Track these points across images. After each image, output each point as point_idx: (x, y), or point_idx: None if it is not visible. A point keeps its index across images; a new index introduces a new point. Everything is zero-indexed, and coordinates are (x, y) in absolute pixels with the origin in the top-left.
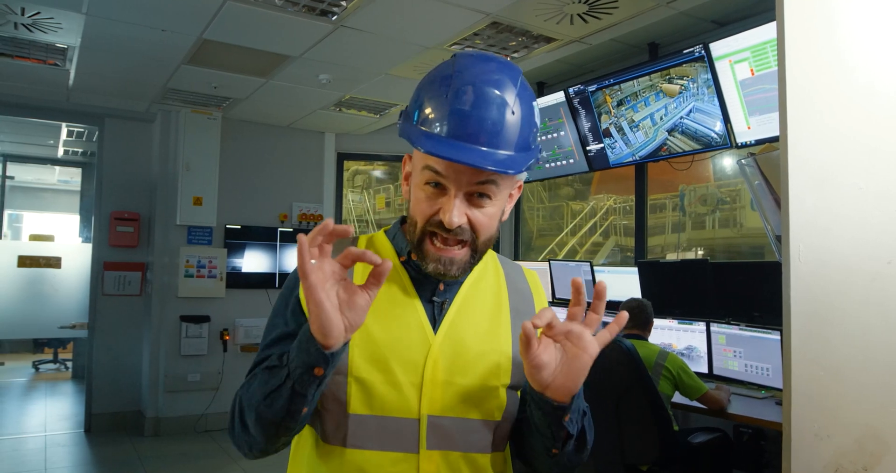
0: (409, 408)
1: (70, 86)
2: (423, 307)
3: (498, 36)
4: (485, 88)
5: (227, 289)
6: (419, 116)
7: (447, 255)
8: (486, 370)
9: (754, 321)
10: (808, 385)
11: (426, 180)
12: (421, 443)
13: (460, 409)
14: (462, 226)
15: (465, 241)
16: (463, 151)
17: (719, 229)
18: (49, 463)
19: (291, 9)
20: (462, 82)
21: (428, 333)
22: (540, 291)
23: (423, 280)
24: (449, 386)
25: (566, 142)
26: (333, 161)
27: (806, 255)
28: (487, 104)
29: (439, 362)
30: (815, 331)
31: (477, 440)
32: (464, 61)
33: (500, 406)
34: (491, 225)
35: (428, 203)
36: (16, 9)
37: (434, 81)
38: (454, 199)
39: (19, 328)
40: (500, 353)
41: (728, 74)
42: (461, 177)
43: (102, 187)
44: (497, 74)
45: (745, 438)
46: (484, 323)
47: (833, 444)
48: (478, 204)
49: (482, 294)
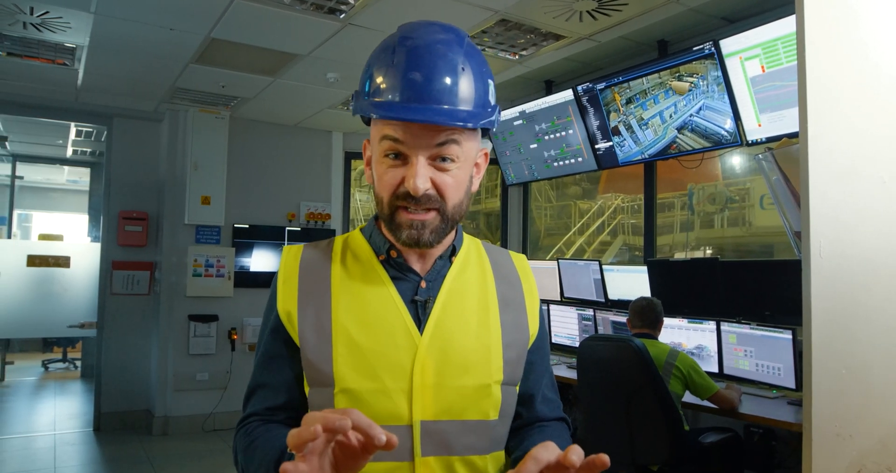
0: (400, 415)
1: (79, 86)
2: (405, 309)
3: (506, 33)
4: (432, 48)
5: (235, 288)
6: (370, 88)
7: (419, 218)
8: (477, 369)
9: (765, 319)
10: (830, 384)
11: (385, 150)
12: (415, 451)
13: (454, 411)
14: (428, 193)
15: (433, 208)
16: (418, 111)
17: (728, 228)
18: (58, 462)
19: (299, 7)
20: (408, 46)
21: (414, 335)
22: (529, 276)
23: (404, 279)
24: (440, 389)
25: (574, 140)
26: (341, 160)
27: (827, 250)
28: (436, 63)
29: (428, 365)
30: (837, 328)
31: (474, 441)
32: (406, 28)
33: (496, 405)
34: (458, 190)
35: (391, 175)
36: (25, 8)
37: (380, 53)
38: (416, 165)
39: (29, 328)
40: (491, 348)
41: (738, 71)
42: (420, 140)
43: (111, 186)
44: (442, 34)
45: (756, 438)
46: (472, 318)
47: (856, 444)
48: (441, 168)
49: (467, 287)
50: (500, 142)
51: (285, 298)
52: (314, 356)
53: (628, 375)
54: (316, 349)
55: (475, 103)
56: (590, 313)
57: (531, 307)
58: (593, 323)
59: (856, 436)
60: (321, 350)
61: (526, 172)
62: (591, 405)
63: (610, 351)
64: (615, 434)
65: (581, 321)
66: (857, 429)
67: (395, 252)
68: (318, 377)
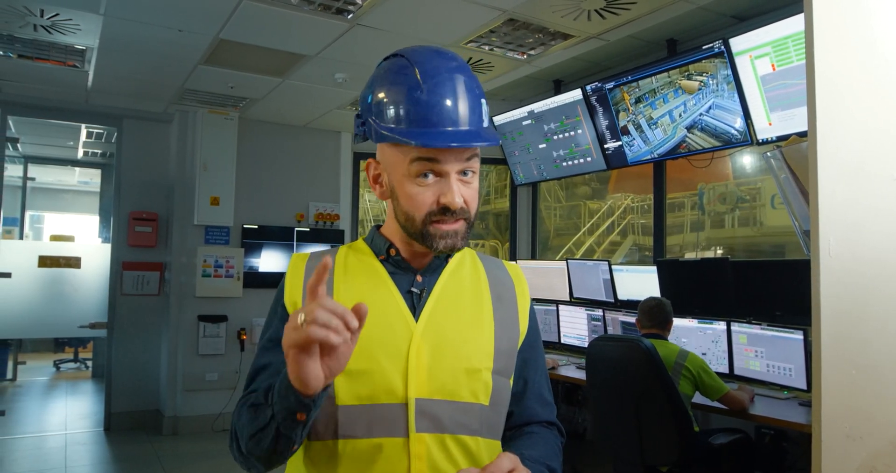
0: (396, 393)
1: (89, 87)
2: (402, 298)
3: (514, 33)
4: (454, 75)
5: (245, 289)
6: (395, 116)
7: (452, 228)
8: (469, 354)
9: (776, 320)
10: (840, 385)
11: (419, 172)
12: (410, 427)
13: (447, 391)
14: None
15: (462, 218)
16: (457, 137)
17: (739, 228)
18: (69, 461)
19: (307, 8)
20: (432, 75)
21: (409, 321)
22: (522, 280)
23: (401, 274)
24: (434, 370)
25: (583, 140)
26: (350, 161)
27: (836, 249)
28: (463, 89)
29: (423, 348)
30: (847, 328)
31: (466, 421)
32: (416, 56)
33: (486, 389)
34: (477, 198)
35: (427, 194)
36: (35, 11)
37: (396, 81)
38: (452, 182)
39: (40, 328)
40: (483, 337)
41: (748, 69)
42: (454, 160)
43: (121, 187)
44: (454, 61)
45: (767, 439)
46: (466, 309)
47: (866, 446)
48: (465, 181)
49: (461, 283)
50: (508, 142)
51: (292, 291)
52: None
53: (637, 375)
54: None
55: (488, 121)
56: (599, 313)
57: (522, 306)
58: (602, 324)
59: (866, 438)
60: None
61: (535, 173)
62: (600, 406)
63: (619, 352)
64: (624, 435)
65: (590, 321)
66: (867, 431)
67: (394, 251)
68: None
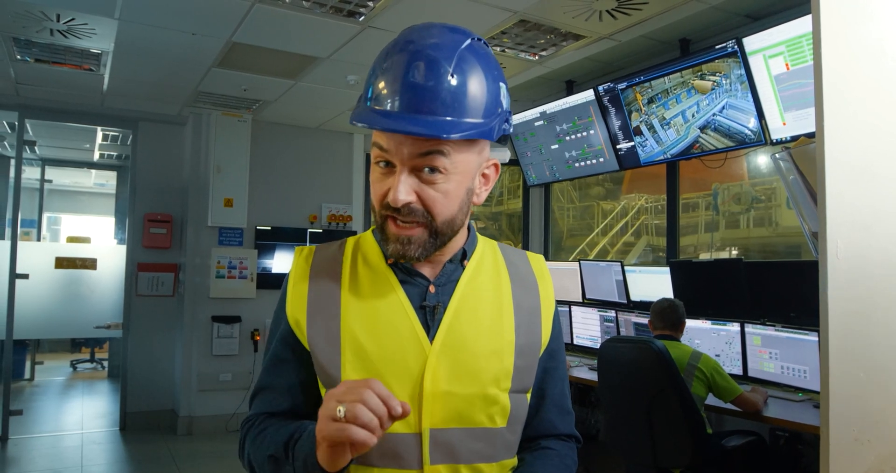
0: (409, 423)
1: (104, 90)
2: (414, 314)
3: (526, 34)
4: (421, 54)
5: (258, 290)
6: (371, 94)
7: (405, 233)
8: (487, 376)
9: (790, 321)
10: (848, 387)
11: (375, 158)
12: (424, 459)
13: (462, 419)
14: (412, 205)
15: (419, 222)
16: (391, 120)
17: (754, 229)
18: (85, 461)
19: (319, 10)
20: (399, 53)
21: (423, 342)
22: (546, 279)
23: (413, 283)
24: (449, 397)
25: (596, 141)
26: (362, 162)
27: (844, 252)
28: (421, 70)
29: (438, 372)
30: (856, 331)
31: (481, 448)
32: (407, 32)
33: (503, 412)
34: (449, 204)
35: (380, 184)
36: (51, 15)
37: (378, 58)
38: (400, 175)
39: (57, 328)
40: (503, 355)
41: (762, 69)
42: (402, 149)
43: (136, 189)
44: (436, 38)
45: (781, 442)
46: (484, 323)
47: (874, 449)
48: (428, 180)
49: (481, 292)
50: (520, 143)
51: (294, 304)
52: (324, 361)
53: (650, 377)
54: (326, 354)
55: (466, 112)
56: (612, 314)
57: (546, 312)
58: (615, 324)
59: (874, 441)
60: (330, 356)
61: (547, 173)
62: (612, 408)
63: (631, 353)
64: (637, 437)
65: (603, 322)
66: (876, 434)
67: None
68: (329, 381)
